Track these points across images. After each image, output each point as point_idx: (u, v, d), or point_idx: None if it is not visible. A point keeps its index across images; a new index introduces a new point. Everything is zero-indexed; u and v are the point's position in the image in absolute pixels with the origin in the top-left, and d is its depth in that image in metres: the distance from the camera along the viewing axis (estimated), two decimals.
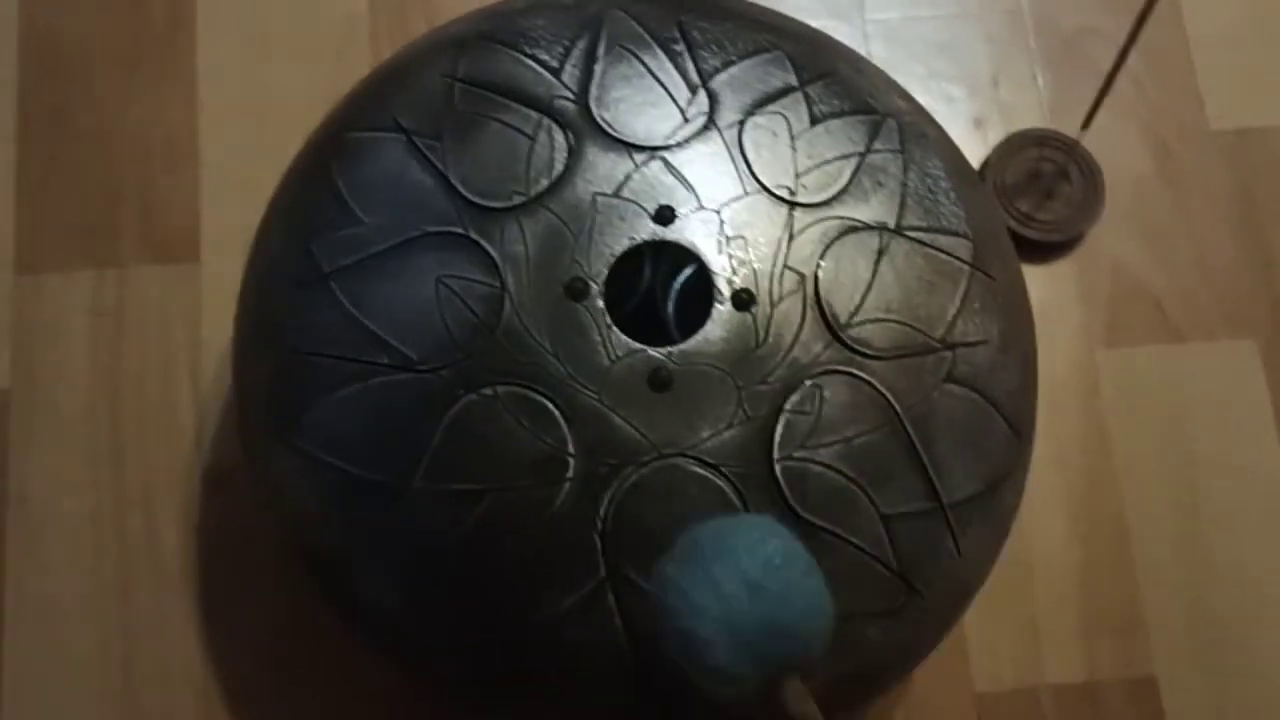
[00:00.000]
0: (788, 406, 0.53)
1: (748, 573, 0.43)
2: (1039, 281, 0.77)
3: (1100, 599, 0.73)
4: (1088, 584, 0.74)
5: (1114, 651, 0.73)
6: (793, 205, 0.56)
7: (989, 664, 0.72)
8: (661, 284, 0.60)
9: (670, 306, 0.60)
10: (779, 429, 0.52)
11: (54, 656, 0.69)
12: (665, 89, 0.57)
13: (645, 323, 0.55)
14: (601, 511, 0.51)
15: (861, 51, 0.80)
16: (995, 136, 0.80)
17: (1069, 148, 0.78)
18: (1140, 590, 0.73)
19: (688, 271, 0.59)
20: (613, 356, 0.52)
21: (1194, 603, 0.74)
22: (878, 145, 0.58)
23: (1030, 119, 0.81)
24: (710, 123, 0.57)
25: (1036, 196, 0.78)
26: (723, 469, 0.52)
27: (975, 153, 0.80)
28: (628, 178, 0.55)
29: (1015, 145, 0.79)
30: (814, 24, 0.65)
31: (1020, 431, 0.58)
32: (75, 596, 0.69)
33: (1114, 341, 0.78)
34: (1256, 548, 0.75)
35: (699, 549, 0.45)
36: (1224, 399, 0.77)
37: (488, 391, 0.52)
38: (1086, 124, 0.74)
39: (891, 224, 0.57)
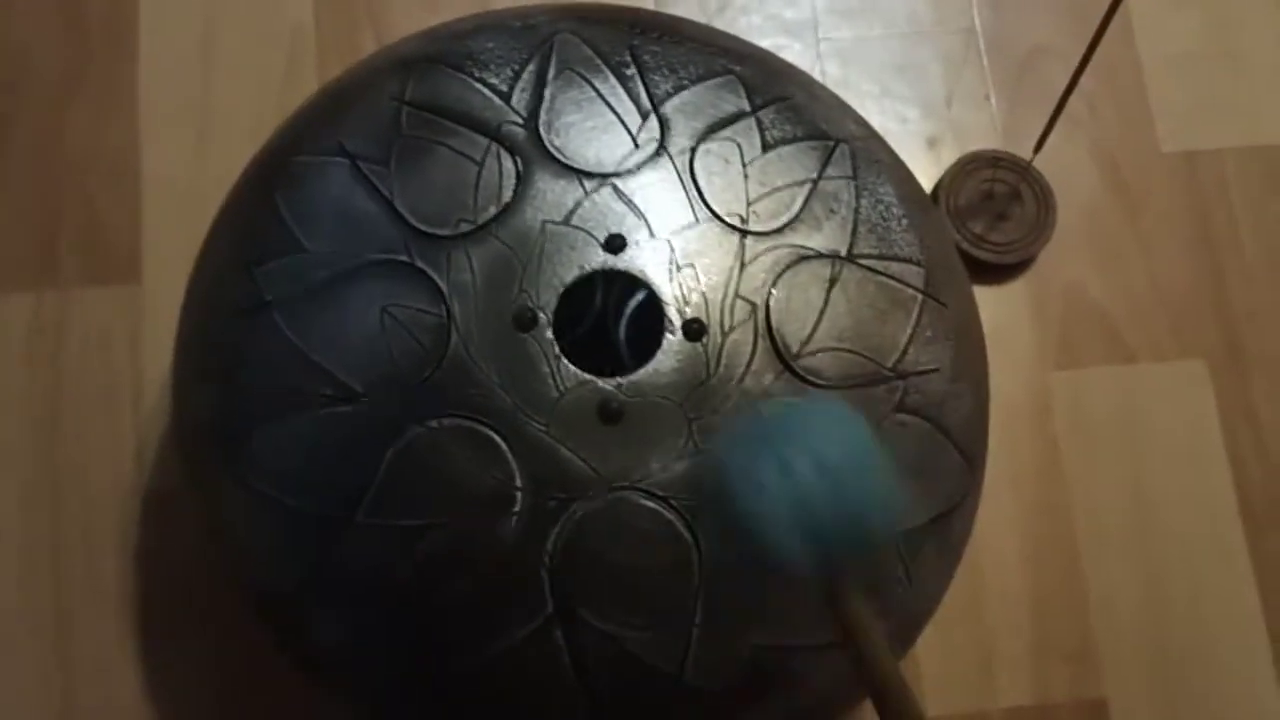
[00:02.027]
0: None
1: (820, 453, 0.41)
2: (991, 303, 0.77)
3: (1052, 621, 0.73)
4: (1039, 606, 0.74)
5: (1065, 674, 0.73)
6: (744, 233, 0.55)
7: (940, 688, 0.72)
8: (613, 312, 0.59)
9: (622, 334, 0.60)
10: None
11: None
12: (616, 114, 0.57)
13: (597, 350, 0.54)
14: (549, 546, 0.50)
15: (815, 71, 0.81)
16: (949, 157, 0.80)
17: (1022, 169, 0.78)
18: (1091, 612, 0.74)
19: (639, 299, 0.58)
20: (561, 388, 0.51)
21: (1145, 625, 0.74)
22: (830, 172, 0.58)
23: (984, 139, 0.81)
24: (661, 149, 0.56)
25: (989, 218, 0.78)
26: (673, 501, 0.51)
27: (929, 173, 0.80)
28: (578, 205, 0.54)
29: (968, 166, 0.79)
30: (767, 43, 0.65)
31: (972, 459, 0.58)
32: (12, 624, 0.68)
33: (1066, 363, 0.78)
34: (1207, 569, 0.75)
35: (767, 428, 0.43)
36: (1175, 420, 0.77)
37: (433, 424, 0.51)
38: (1039, 146, 0.74)
39: (843, 252, 0.56)
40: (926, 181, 0.79)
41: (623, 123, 0.56)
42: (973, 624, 0.73)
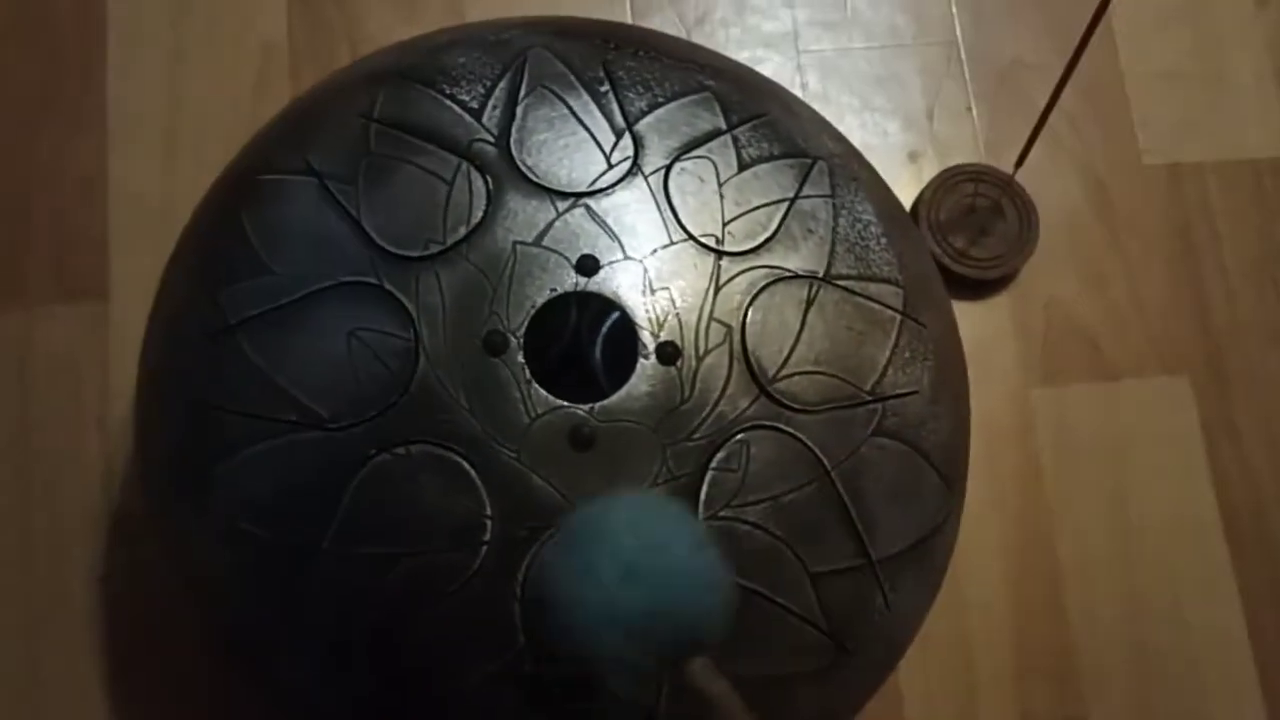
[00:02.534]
0: (714, 464, 0.51)
1: (623, 556, 0.41)
2: (973, 318, 0.76)
3: (1034, 639, 0.73)
4: (1021, 624, 0.73)
5: (1047, 692, 0.72)
6: (720, 254, 0.54)
7: (922, 707, 0.71)
8: (587, 335, 0.58)
9: (597, 355, 0.59)
10: (705, 487, 0.51)
11: None
12: (589, 132, 0.56)
13: (570, 374, 0.53)
14: (520, 577, 0.49)
15: (795, 83, 0.80)
16: (930, 170, 0.79)
17: (1004, 183, 0.78)
18: (1073, 630, 0.73)
19: (612, 321, 0.57)
20: (532, 414, 0.50)
21: (1127, 642, 0.73)
22: (807, 190, 0.57)
23: (965, 153, 0.80)
24: (635, 168, 0.55)
25: (971, 233, 0.78)
26: None
27: (910, 187, 0.79)
28: (549, 225, 0.53)
29: (950, 181, 0.78)
30: (746, 55, 0.64)
31: (951, 483, 0.57)
32: None
33: (1048, 379, 0.77)
34: (1190, 587, 0.75)
35: (574, 534, 0.43)
36: (1157, 436, 0.77)
37: (400, 451, 0.50)
38: (1021, 161, 0.73)
39: (821, 272, 0.55)
40: (907, 196, 0.78)
41: (596, 141, 0.55)
42: (955, 643, 0.72)
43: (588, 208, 0.54)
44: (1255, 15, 0.85)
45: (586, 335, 0.57)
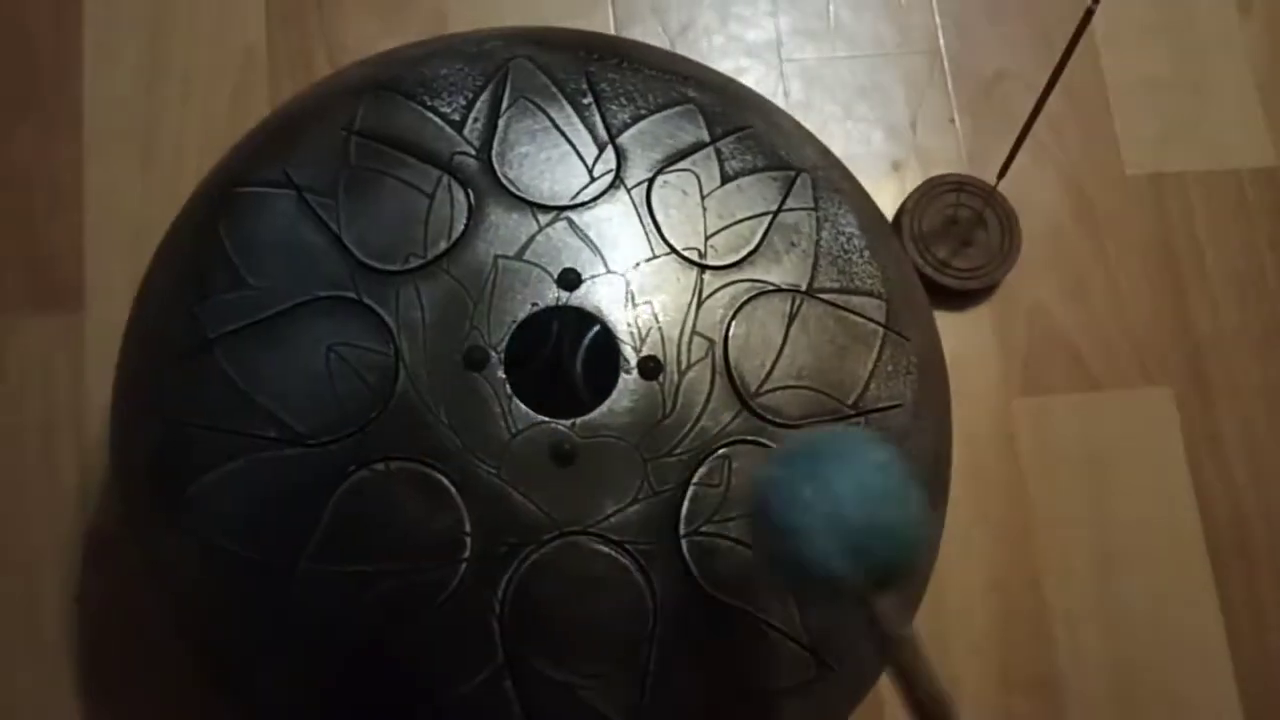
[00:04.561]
0: (696, 479, 0.51)
1: (858, 473, 0.43)
2: (956, 329, 0.76)
3: (1017, 651, 0.73)
4: (1004, 637, 0.73)
5: (1029, 705, 0.72)
6: (702, 268, 0.54)
7: (904, 716, 0.71)
8: (569, 349, 0.57)
9: (579, 369, 0.58)
10: (686, 503, 0.50)
11: None
12: (572, 145, 0.55)
13: (551, 389, 0.53)
14: (499, 593, 0.49)
15: (778, 92, 0.79)
16: (913, 180, 0.79)
17: (986, 194, 0.77)
18: (1055, 640, 0.73)
19: (594, 336, 0.57)
20: (513, 429, 0.50)
21: (1109, 655, 0.73)
22: (790, 203, 0.57)
23: (948, 162, 0.80)
24: (618, 181, 0.55)
25: (953, 243, 0.77)
26: (627, 546, 0.50)
27: (892, 197, 0.79)
28: (531, 239, 0.53)
29: (932, 191, 0.78)
30: (729, 64, 0.63)
31: (934, 496, 0.57)
32: None
33: (1031, 390, 0.77)
34: (1172, 598, 0.75)
35: (809, 449, 0.45)
36: (1140, 447, 0.77)
37: (380, 467, 0.49)
38: (1003, 171, 0.73)
39: (804, 286, 0.55)
40: (890, 206, 0.78)
41: (578, 154, 0.55)
42: (936, 653, 0.72)
43: (570, 221, 0.53)
44: (1239, 25, 0.85)
45: (568, 350, 0.57)
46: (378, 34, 0.74)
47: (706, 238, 0.54)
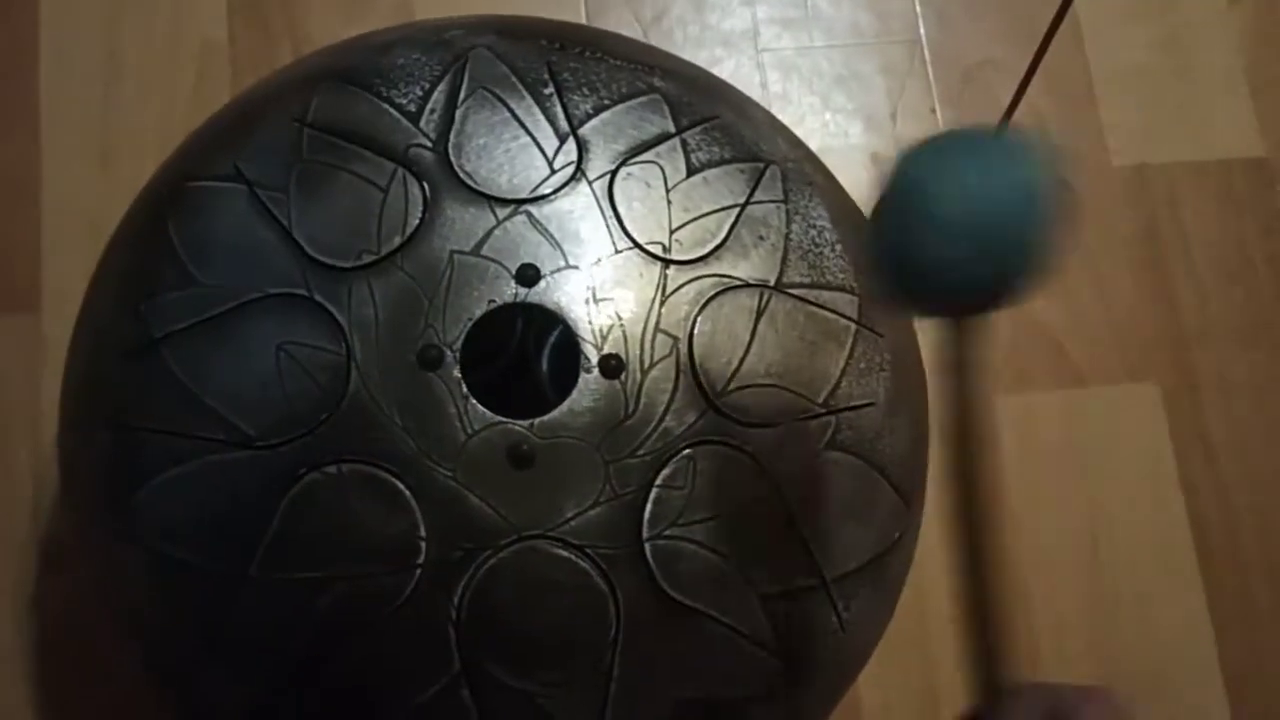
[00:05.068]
0: (659, 481, 0.49)
1: (996, 171, 0.41)
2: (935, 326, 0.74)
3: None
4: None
5: None
6: (666, 263, 0.52)
7: (881, 718, 0.69)
8: (535, 345, 0.56)
9: (545, 368, 0.57)
10: (649, 506, 0.49)
11: None
12: (531, 136, 0.54)
13: (513, 389, 0.51)
14: (455, 600, 0.47)
15: (755, 82, 0.78)
16: None
17: None
18: (1041, 642, 0.72)
19: (554, 334, 0.55)
20: (469, 430, 0.48)
21: (1094, 650, 0.72)
22: (759, 196, 0.55)
23: None
24: (579, 173, 0.53)
25: None
26: (588, 550, 0.48)
27: (871, 189, 0.77)
28: (489, 234, 0.51)
29: None
30: (705, 54, 0.62)
31: (908, 497, 0.56)
32: None
33: (1013, 386, 0.76)
34: (1159, 595, 0.73)
35: (956, 140, 0.44)
36: (1125, 443, 0.76)
37: (331, 470, 0.48)
38: None
39: (772, 281, 0.53)
40: (869, 198, 0.76)
41: (538, 145, 0.53)
42: (916, 655, 0.71)
43: (529, 215, 0.52)
44: (1226, 12, 0.84)
45: (533, 348, 0.55)
46: (341, 25, 0.73)
47: (671, 231, 0.53)
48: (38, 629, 0.64)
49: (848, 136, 0.78)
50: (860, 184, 0.72)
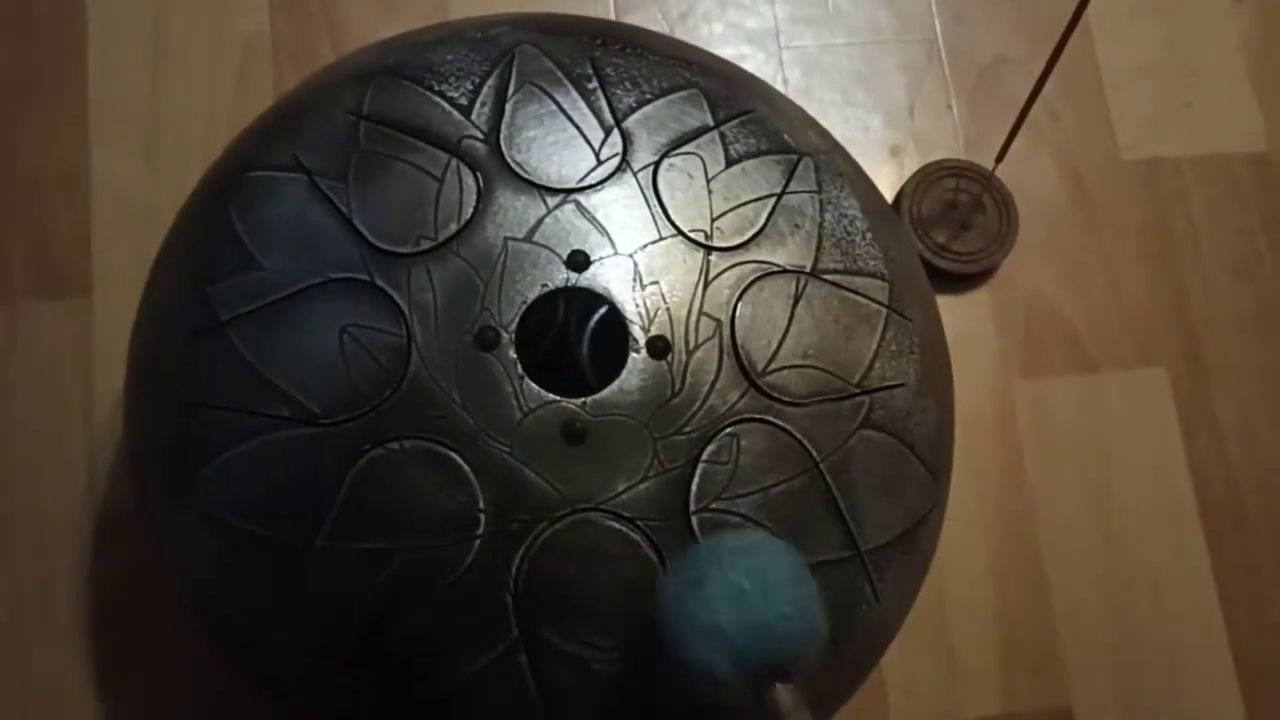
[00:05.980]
0: (704, 457, 0.51)
1: (733, 578, 0.44)
2: (955, 312, 0.77)
3: (1018, 630, 0.74)
4: (1005, 616, 0.74)
5: (1031, 683, 0.73)
6: (708, 249, 0.54)
7: (906, 699, 0.72)
8: (576, 330, 0.58)
9: (585, 351, 0.59)
10: (695, 480, 0.51)
11: None
12: (578, 129, 0.56)
13: (561, 369, 0.54)
14: (513, 570, 0.49)
15: (777, 79, 0.80)
16: (911, 165, 0.80)
17: (984, 179, 0.78)
18: (1057, 621, 0.74)
19: (602, 316, 0.57)
20: (525, 408, 0.51)
21: (1108, 631, 0.74)
22: (794, 186, 0.57)
23: (946, 148, 0.81)
24: (624, 164, 0.55)
25: (952, 228, 0.78)
26: (638, 522, 0.50)
27: (891, 182, 0.80)
28: (540, 221, 0.53)
29: (930, 176, 0.79)
30: (729, 51, 0.64)
31: (937, 474, 0.58)
32: None
33: (1029, 371, 0.78)
34: (1170, 576, 0.76)
35: (691, 558, 0.46)
36: (1137, 428, 0.78)
37: (394, 446, 0.50)
38: (1001, 156, 0.74)
39: (808, 267, 0.56)
40: (889, 191, 0.79)
41: (585, 137, 0.56)
42: (938, 634, 0.73)
43: (577, 204, 0.54)
44: (1231, 9, 0.86)
45: (574, 331, 0.58)
46: (379, 21, 0.75)
47: (712, 220, 0.55)
48: (96, 603, 0.66)
49: (868, 131, 0.81)
50: (882, 174, 0.75)
